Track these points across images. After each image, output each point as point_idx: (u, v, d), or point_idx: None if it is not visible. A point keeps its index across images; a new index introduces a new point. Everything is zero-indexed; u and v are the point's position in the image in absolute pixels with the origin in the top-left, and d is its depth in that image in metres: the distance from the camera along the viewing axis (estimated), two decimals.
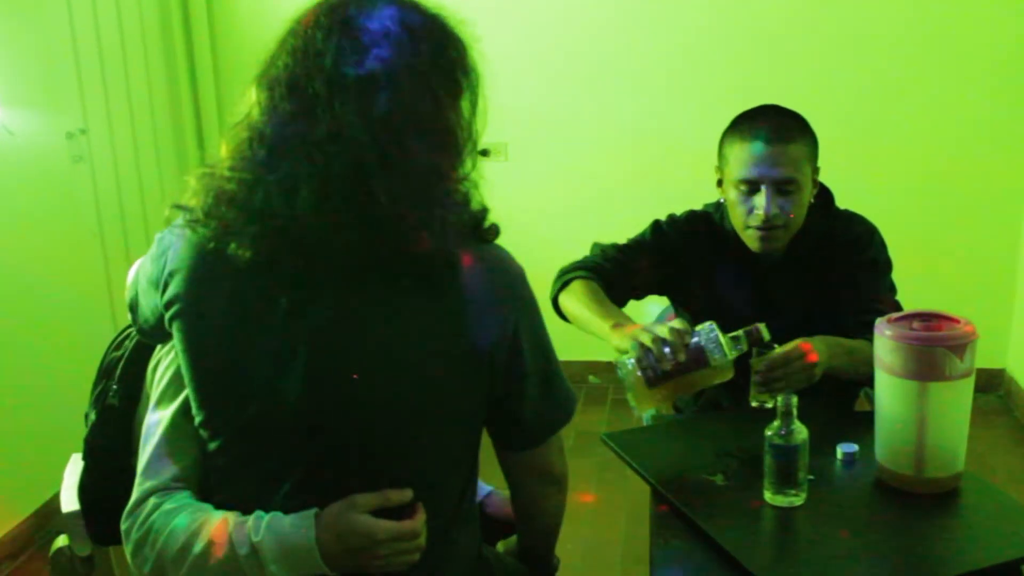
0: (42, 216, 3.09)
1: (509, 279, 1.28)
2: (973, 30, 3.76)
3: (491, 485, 1.78)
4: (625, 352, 1.74)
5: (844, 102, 3.86)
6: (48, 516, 3.02)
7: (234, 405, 1.26)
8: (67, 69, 3.23)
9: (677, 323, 1.70)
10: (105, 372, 1.54)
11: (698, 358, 1.68)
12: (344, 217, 1.12)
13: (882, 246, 2.10)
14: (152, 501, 1.27)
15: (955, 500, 1.57)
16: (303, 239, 1.14)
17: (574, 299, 2.00)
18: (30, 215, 3.03)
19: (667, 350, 1.66)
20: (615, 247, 2.15)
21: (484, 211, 1.26)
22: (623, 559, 2.89)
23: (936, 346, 1.51)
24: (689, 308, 2.14)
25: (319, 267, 1.16)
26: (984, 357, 1.60)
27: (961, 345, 1.51)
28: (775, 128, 1.93)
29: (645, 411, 1.65)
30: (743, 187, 1.94)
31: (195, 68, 4.03)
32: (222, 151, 1.20)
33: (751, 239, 1.98)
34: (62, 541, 1.58)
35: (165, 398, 1.35)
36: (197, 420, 1.29)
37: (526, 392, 1.32)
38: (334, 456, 1.24)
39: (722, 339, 1.69)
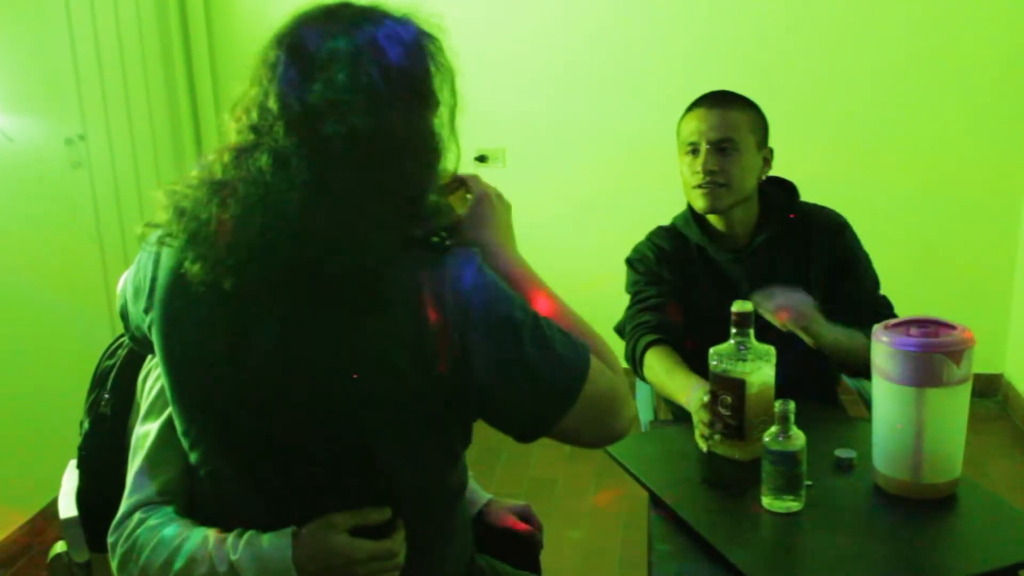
0: (41, 221, 3.09)
1: (451, 294, 1.17)
2: (972, 36, 3.76)
3: (489, 493, 1.79)
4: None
5: (842, 110, 3.87)
6: (45, 522, 3.02)
7: (206, 417, 1.26)
8: (66, 75, 3.23)
9: (696, 401, 1.78)
10: (98, 381, 1.54)
11: (736, 384, 1.68)
12: (279, 240, 1.12)
13: (858, 239, 2.19)
14: (137, 516, 1.28)
15: (952, 506, 1.57)
16: (243, 262, 1.13)
17: (652, 376, 2.06)
18: (29, 221, 3.03)
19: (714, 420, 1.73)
20: (634, 304, 2.20)
21: (448, 226, 1.22)
22: (621, 565, 2.89)
23: (934, 352, 1.52)
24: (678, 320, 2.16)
25: (263, 289, 1.15)
26: (981, 362, 1.61)
27: (958, 351, 1.52)
28: (713, 97, 2.12)
29: (758, 453, 1.63)
30: (687, 150, 2.09)
31: (193, 74, 4.03)
32: (192, 172, 1.21)
33: (696, 198, 2.09)
34: (60, 547, 1.58)
35: (153, 411, 1.36)
36: (179, 430, 1.30)
37: (493, 403, 1.23)
38: (306, 472, 1.23)
39: (723, 351, 1.70)
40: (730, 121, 2.05)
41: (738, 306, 1.69)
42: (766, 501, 1.55)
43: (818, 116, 3.88)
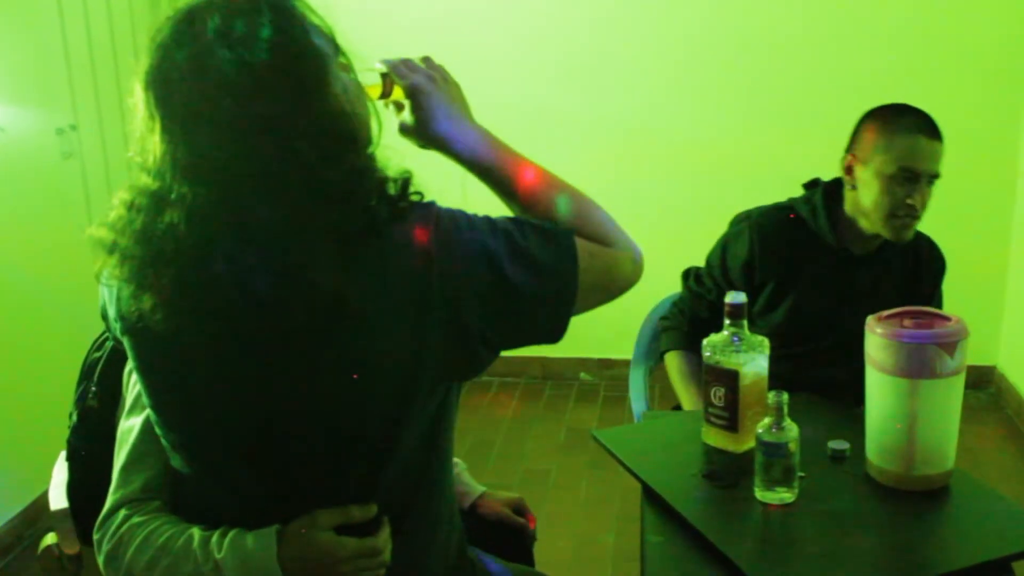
0: (32, 212, 3.08)
1: (419, 263, 1.13)
2: (965, 29, 3.76)
3: (483, 486, 1.78)
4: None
5: (837, 101, 3.85)
6: (37, 513, 3.01)
7: (180, 419, 1.25)
8: (57, 65, 3.21)
9: None
10: (86, 373, 1.54)
11: (730, 375, 1.67)
12: (221, 299, 1.09)
13: None
14: (122, 513, 1.27)
15: (945, 497, 1.57)
16: (196, 319, 1.11)
17: (668, 370, 2.26)
18: (19, 211, 3.02)
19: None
20: (698, 282, 2.26)
21: (403, 190, 1.15)
22: (614, 556, 2.89)
23: (927, 344, 1.51)
24: (769, 305, 2.15)
25: (226, 332, 1.13)
26: (974, 354, 1.60)
27: (951, 343, 1.51)
28: (932, 126, 2.04)
29: (751, 444, 1.63)
30: (900, 176, 1.99)
31: None
32: (112, 213, 1.16)
33: (891, 227, 2.03)
34: (50, 539, 1.58)
35: (138, 405, 1.35)
36: (157, 430, 1.29)
37: (501, 336, 1.21)
38: (288, 475, 1.22)
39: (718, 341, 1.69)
40: (940, 155, 2.02)
41: (731, 297, 1.69)
42: (759, 492, 1.55)
43: (814, 110, 3.88)
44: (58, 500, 1.55)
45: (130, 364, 1.41)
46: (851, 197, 2.09)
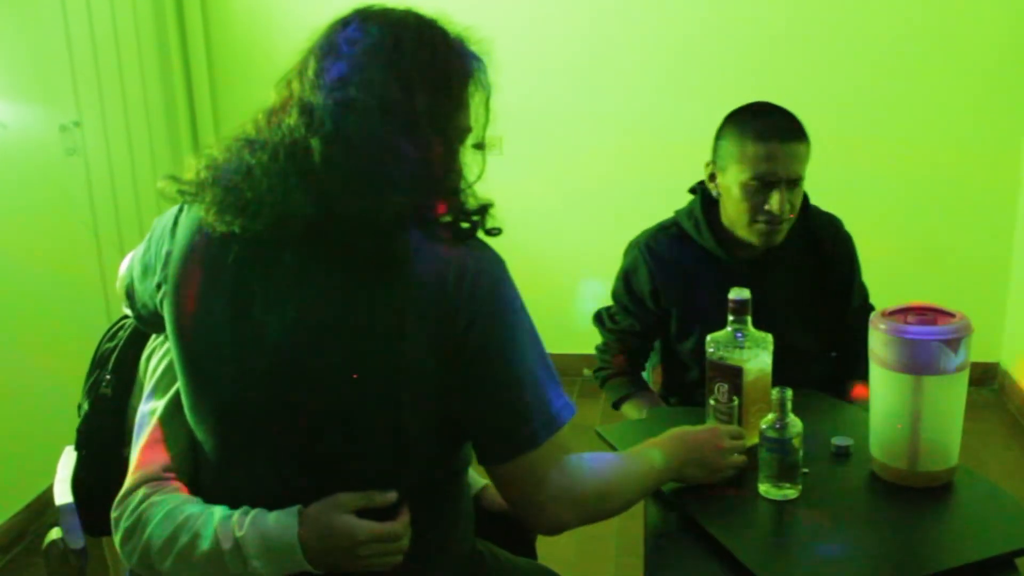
0: (36, 209, 3.08)
1: (469, 280, 1.19)
2: (967, 26, 3.76)
3: (485, 479, 1.78)
4: None
5: (839, 98, 3.86)
6: (42, 509, 3.02)
7: (213, 390, 1.27)
8: (60, 61, 3.22)
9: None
10: (98, 363, 1.55)
11: (733, 371, 1.67)
12: (291, 183, 1.16)
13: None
14: (142, 491, 1.28)
15: (949, 494, 1.57)
16: (261, 206, 1.17)
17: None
18: (23, 208, 3.02)
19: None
20: (611, 323, 2.23)
21: (480, 208, 1.24)
22: (617, 552, 2.89)
23: (930, 340, 1.51)
24: (682, 330, 2.13)
25: (278, 238, 1.18)
26: (978, 351, 1.60)
27: (955, 339, 1.51)
28: (787, 127, 1.96)
29: (754, 440, 1.62)
30: (754, 183, 1.94)
31: (189, 59, 4.01)
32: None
33: (755, 233, 1.98)
34: (55, 534, 1.58)
35: (159, 389, 1.36)
36: (186, 405, 1.30)
37: (480, 402, 1.25)
38: (309, 450, 1.24)
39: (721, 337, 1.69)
40: (801, 155, 1.94)
41: (735, 293, 1.68)
42: (763, 488, 1.55)
43: (815, 109, 3.81)
44: (63, 495, 1.56)
45: (148, 350, 1.43)
46: (721, 205, 2.05)
